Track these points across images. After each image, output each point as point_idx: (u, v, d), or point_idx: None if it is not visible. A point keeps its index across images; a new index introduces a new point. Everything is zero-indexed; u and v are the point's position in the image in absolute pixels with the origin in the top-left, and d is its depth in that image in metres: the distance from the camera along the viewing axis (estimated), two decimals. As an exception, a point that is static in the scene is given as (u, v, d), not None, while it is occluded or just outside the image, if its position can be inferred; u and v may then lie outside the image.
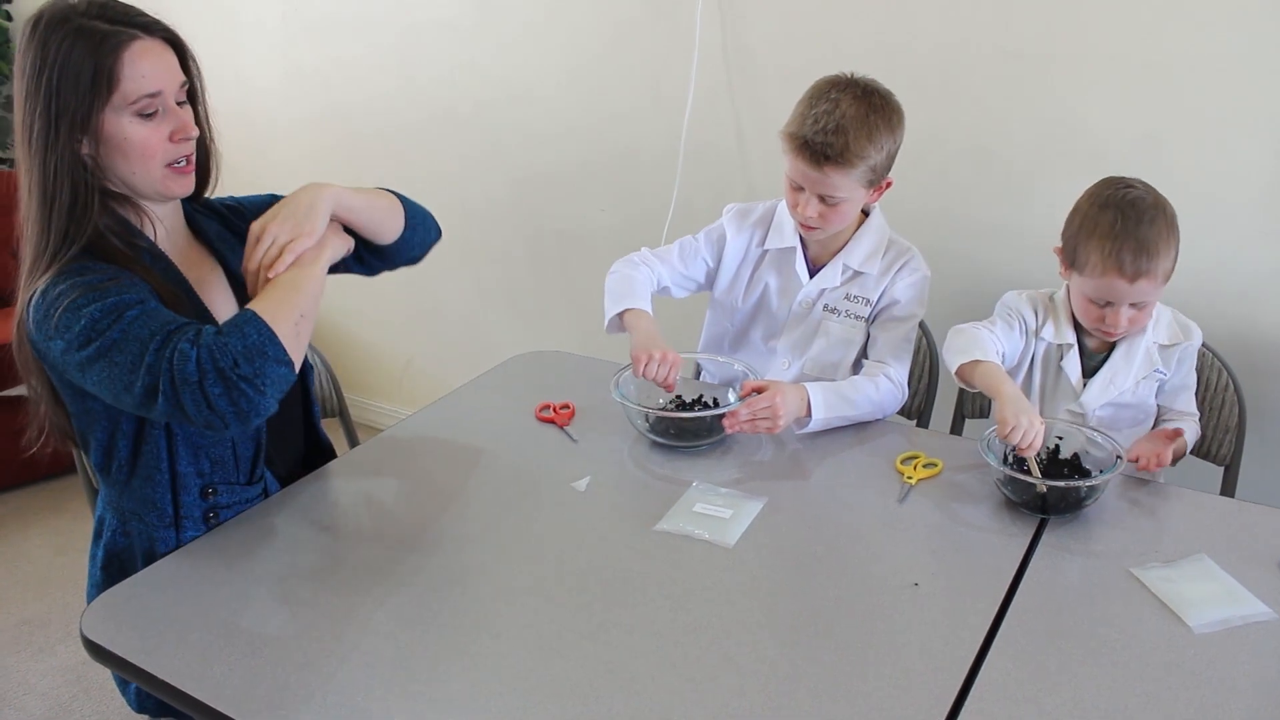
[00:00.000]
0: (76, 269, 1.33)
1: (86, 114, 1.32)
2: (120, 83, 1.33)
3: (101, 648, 1.24)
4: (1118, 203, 1.65)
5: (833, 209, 1.77)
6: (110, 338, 1.26)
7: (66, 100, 1.31)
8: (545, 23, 2.75)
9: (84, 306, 1.28)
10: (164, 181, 1.42)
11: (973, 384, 1.71)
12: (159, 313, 1.30)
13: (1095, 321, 1.72)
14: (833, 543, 1.45)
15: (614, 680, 1.17)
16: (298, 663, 1.20)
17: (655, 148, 2.69)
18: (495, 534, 1.47)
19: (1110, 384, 1.77)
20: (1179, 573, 1.36)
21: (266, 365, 1.26)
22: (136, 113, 1.36)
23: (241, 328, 1.27)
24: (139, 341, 1.26)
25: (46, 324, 1.30)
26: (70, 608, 2.65)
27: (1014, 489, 1.52)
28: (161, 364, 1.24)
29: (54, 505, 3.15)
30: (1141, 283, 1.63)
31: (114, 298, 1.29)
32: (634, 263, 1.96)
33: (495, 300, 3.24)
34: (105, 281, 1.31)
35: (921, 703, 1.13)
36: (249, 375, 1.24)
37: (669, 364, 1.72)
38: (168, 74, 1.38)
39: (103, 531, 1.54)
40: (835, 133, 1.69)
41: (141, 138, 1.37)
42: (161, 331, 1.26)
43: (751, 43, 2.45)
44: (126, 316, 1.28)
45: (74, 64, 1.31)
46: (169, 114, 1.40)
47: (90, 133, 1.34)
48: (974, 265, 2.32)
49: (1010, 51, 2.15)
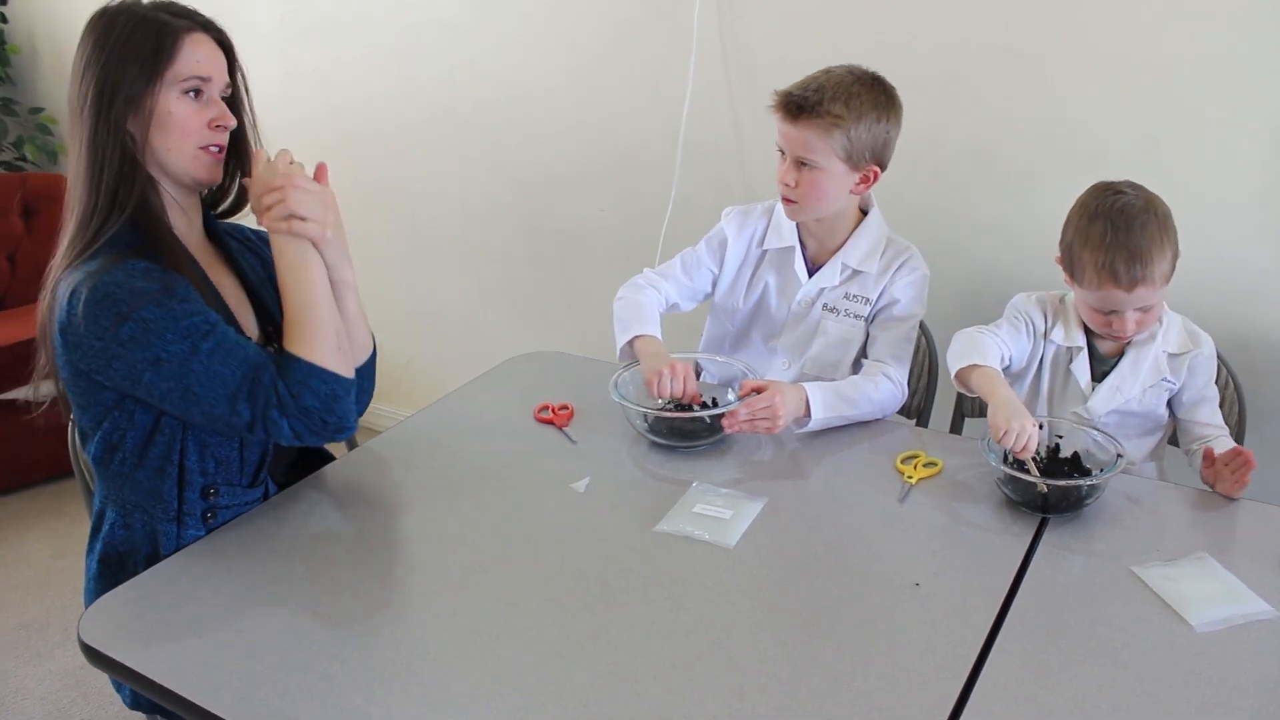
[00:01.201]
0: (127, 267, 1.36)
1: (141, 88, 1.40)
2: (176, 61, 1.41)
3: (99, 653, 1.24)
4: (1106, 212, 1.63)
5: (810, 179, 1.77)
6: (194, 371, 1.34)
7: (124, 72, 1.39)
8: (544, 23, 2.75)
9: (150, 325, 1.33)
10: (194, 161, 1.47)
11: (970, 388, 1.70)
12: (230, 341, 1.38)
13: (1104, 327, 1.71)
14: (833, 543, 1.45)
15: (615, 681, 1.16)
16: (297, 666, 1.19)
17: (654, 147, 2.68)
18: (494, 535, 1.47)
19: (1117, 391, 1.76)
20: (1180, 571, 1.36)
21: (343, 404, 1.41)
22: (184, 90, 1.43)
23: (308, 383, 1.37)
24: (223, 384, 1.35)
25: (95, 324, 1.33)
26: (69, 611, 2.64)
27: (1015, 488, 1.51)
28: (257, 422, 1.36)
29: (53, 508, 3.14)
30: (1140, 290, 1.61)
31: (186, 320, 1.35)
32: (639, 286, 1.96)
33: (495, 301, 3.24)
34: (160, 292, 1.35)
35: (923, 703, 1.12)
36: (335, 422, 1.40)
37: (681, 376, 1.71)
38: (218, 67, 1.47)
39: (101, 526, 1.53)
40: (815, 90, 1.73)
41: (183, 114, 1.43)
42: (248, 379, 1.36)
43: (750, 42, 2.45)
44: (203, 349, 1.34)
45: (136, 45, 1.40)
46: (212, 102, 1.47)
47: (140, 108, 1.40)
48: (973, 264, 2.32)
49: (1010, 51, 2.15)
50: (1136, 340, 1.75)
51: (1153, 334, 1.74)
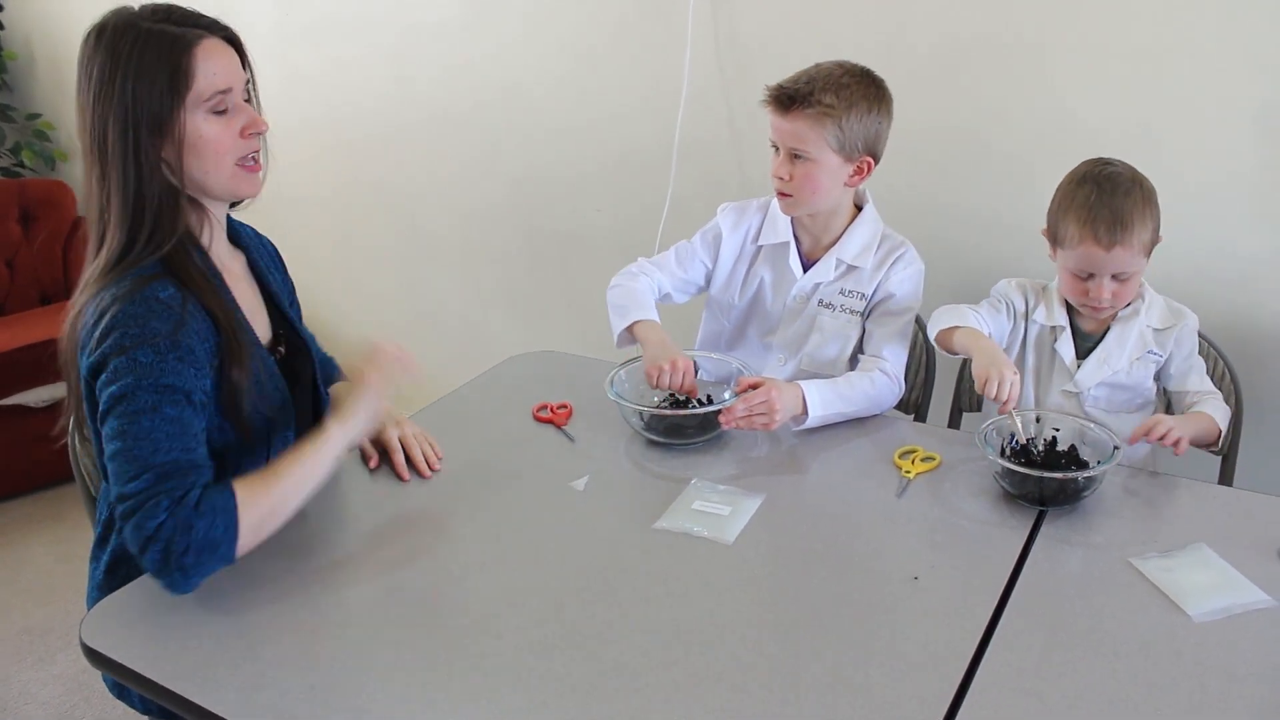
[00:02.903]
0: (152, 294, 1.33)
1: (166, 115, 1.35)
2: (195, 80, 1.35)
3: (101, 654, 1.24)
4: (1094, 177, 1.71)
5: (804, 171, 1.77)
6: (140, 425, 1.29)
7: (144, 103, 1.33)
8: (540, 23, 2.75)
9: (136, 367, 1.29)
10: (233, 180, 1.44)
11: (952, 348, 1.76)
12: (186, 427, 1.32)
13: (1080, 295, 1.75)
14: (832, 538, 1.45)
15: (616, 678, 1.17)
16: (298, 666, 1.20)
17: (650, 146, 2.69)
18: (494, 534, 1.47)
19: (1104, 363, 1.80)
20: (1178, 562, 1.36)
21: (210, 562, 1.28)
22: (210, 110, 1.38)
23: (215, 515, 1.27)
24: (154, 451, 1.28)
25: (102, 342, 1.31)
26: (71, 616, 2.64)
27: (1012, 481, 1.52)
28: (138, 499, 1.26)
29: (55, 514, 3.14)
30: (1118, 250, 1.67)
31: (169, 378, 1.31)
32: (633, 274, 1.96)
33: (493, 300, 3.24)
34: (165, 339, 1.32)
35: (923, 695, 1.13)
36: (189, 565, 1.26)
37: (681, 371, 1.72)
38: (234, 71, 1.42)
39: (109, 535, 1.53)
40: (805, 82, 1.75)
41: (215, 135, 1.39)
42: (167, 466, 1.28)
43: (744, 39, 2.45)
44: (164, 412, 1.30)
45: (148, 66, 1.33)
46: (238, 110, 1.42)
47: (169, 134, 1.36)
48: (969, 257, 2.32)
49: (1004, 43, 2.15)
50: (1121, 315, 1.80)
51: (1136, 309, 1.79)
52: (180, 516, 1.25)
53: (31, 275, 3.70)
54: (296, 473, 1.38)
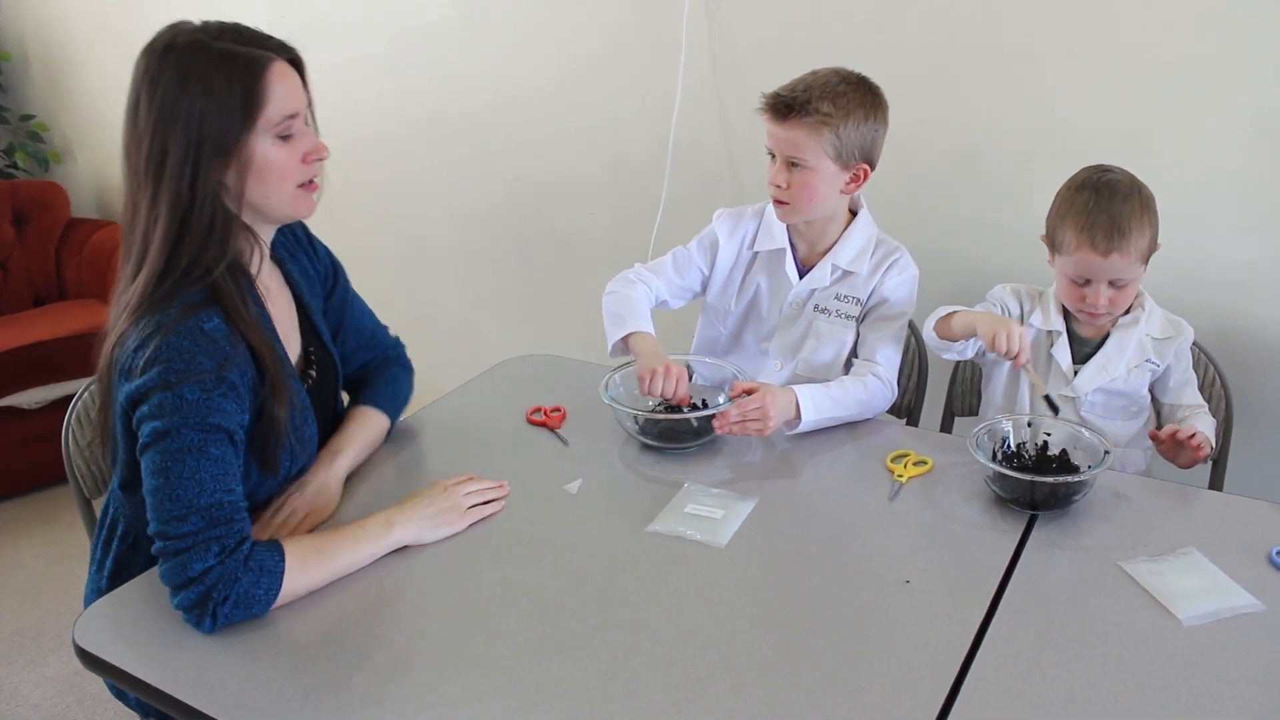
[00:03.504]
0: (198, 325, 1.31)
1: (234, 138, 1.32)
2: (266, 105, 1.33)
3: (94, 656, 1.24)
4: (1094, 184, 1.72)
5: (801, 180, 1.78)
6: (186, 464, 1.27)
7: (212, 126, 1.31)
8: (534, 27, 2.76)
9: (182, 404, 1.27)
10: (293, 203, 1.43)
11: (952, 334, 1.79)
12: (228, 466, 1.31)
13: (1077, 302, 1.76)
14: (824, 541, 1.45)
15: (610, 681, 1.17)
16: (292, 667, 1.20)
17: (644, 150, 2.69)
18: (488, 537, 1.48)
19: (1103, 370, 1.81)
20: (1168, 566, 1.37)
21: (243, 616, 1.27)
22: (278, 135, 1.36)
23: (260, 575, 1.27)
24: (198, 493, 1.26)
25: (145, 374, 1.28)
26: (63, 618, 2.64)
27: (1004, 485, 1.52)
28: (185, 540, 1.25)
29: (47, 516, 3.14)
30: (1114, 257, 1.68)
31: (215, 417, 1.29)
32: (629, 280, 1.96)
33: (487, 304, 3.24)
34: (211, 374, 1.29)
35: (915, 699, 1.13)
36: (222, 615, 1.24)
37: (674, 377, 1.72)
38: (300, 95, 1.40)
39: (114, 541, 1.52)
40: (802, 90, 1.75)
41: (281, 159, 1.37)
42: (213, 510, 1.27)
43: (739, 44, 2.46)
44: (209, 453, 1.28)
45: (219, 88, 1.31)
46: (302, 135, 1.41)
47: (233, 158, 1.33)
48: (961, 263, 2.33)
49: (995, 51, 2.16)
50: (1122, 323, 1.81)
51: (1136, 318, 1.80)
52: (228, 567, 1.25)
53: (24, 277, 3.70)
54: (348, 558, 1.37)
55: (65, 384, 3.14)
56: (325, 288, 1.70)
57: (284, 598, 1.29)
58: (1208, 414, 1.83)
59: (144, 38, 1.36)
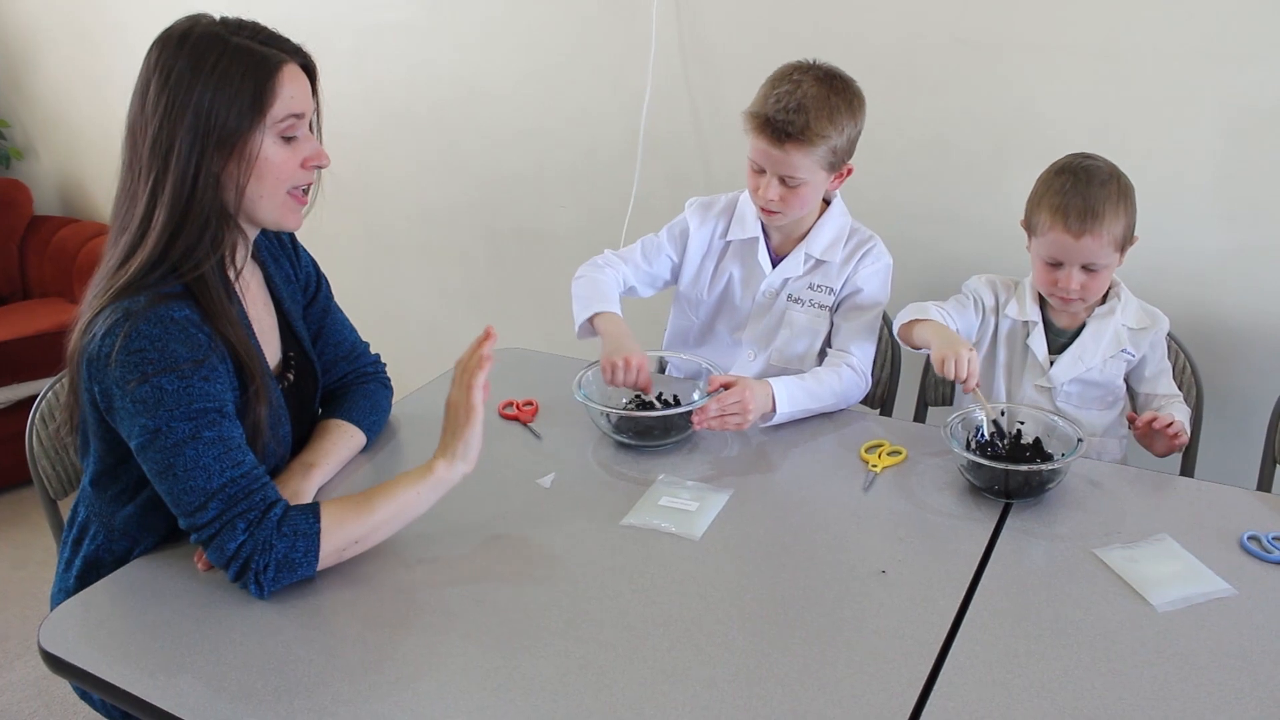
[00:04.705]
0: (169, 313, 1.29)
1: (240, 132, 1.32)
2: (275, 102, 1.33)
3: (60, 659, 1.22)
4: (1073, 168, 1.74)
5: (793, 192, 1.78)
6: (186, 457, 1.27)
7: (221, 117, 1.30)
8: (501, 22, 2.74)
9: (164, 396, 1.26)
10: (282, 209, 1.41)
11: (913, 342, 1.80)
12: (229, 442, 1.30)
13: (1049, 285, 1.77)
14: (799, 532, 1.45)
15: (584, 675, 1.16)
16: (263, 668, 1.18)
17: (614, 144, 2.68)
18: (460, 532, 1.46)
19: (1079, 360, 1.82)
20: (1141, 553, 1.37)
21: (290, 579, 1.30)
22: (280, 134, 1.36)
23: (296, 538, 1.28)
24: (207, 478, 1.27)
25: (119, 370, 1.27)
26: (29, 621, 2.60)
27: (978, 474, 1.53)
28: (212, 526, 1.27)
29: (12, 518, 3.09)
30: (1086, 239, 1.69)
31: (201, 402, 1.28)
32: (598, 265, 1.96)
33: (457, 300, 3.22)
34: (188, 363, 1.28)
35: (891, 688, 1.13)
36: (267, 581, 1.28)
37: (634, 369, 1.71)
38: (308, 99, 1.40)
39: (84, 540, 1.49)
40: (797, 111, 1.71)
41: (280, 159, 1.37)
42: (229, 489, 1.28)
43: (708, 36, 2.45)
44: (204, 437, 1.28)
45: (232, 81, 1.30)
46: (304, 139, 1.40)
47: (237, 152, 1.33)
48: (935, 254, 2.34)
49: (966, 42, 2.17)
50: (1098, 313, 1.82)
51: (1112, 308, 1.81)
52: (259, 537, 1.27)
53: (-13, 275, 3.64)
54: (391, 509, 1.36)
55: (29, 384, 3.09)
56: (306, 295, 1.68)
57: (329, 556, 1.31)
58: (1182, 403, 1.85)
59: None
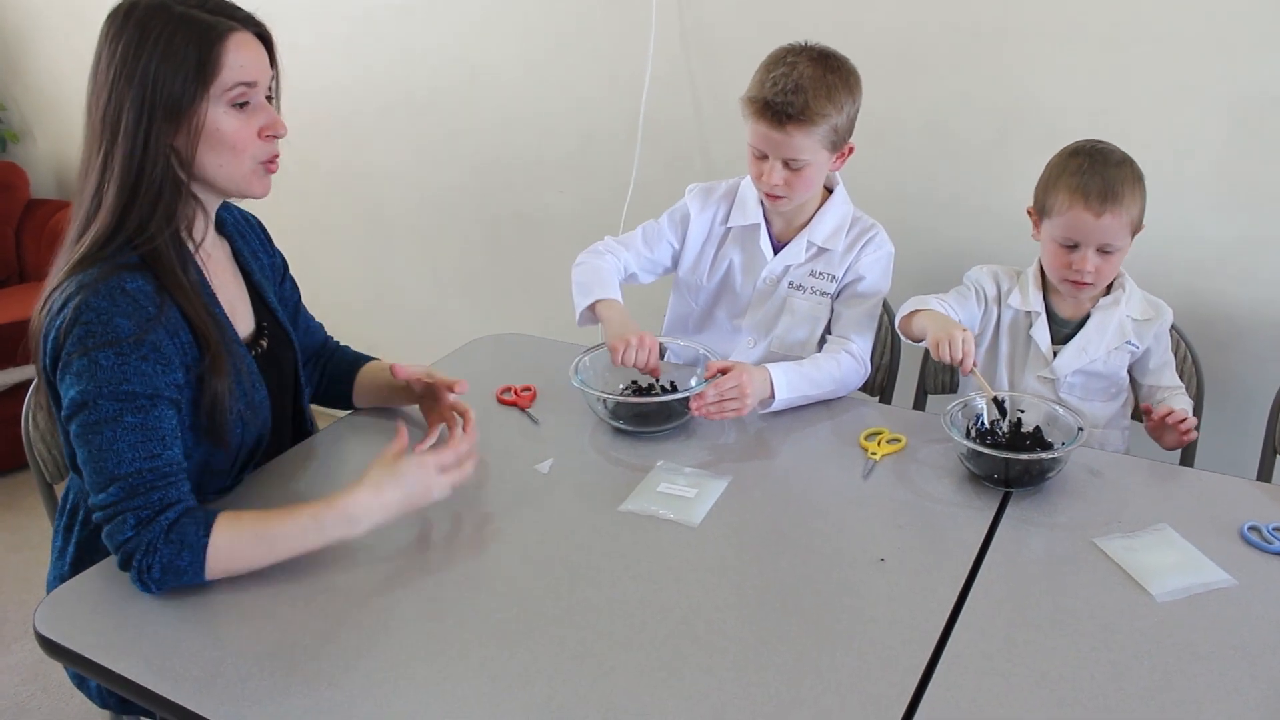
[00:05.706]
0: (119, 285, 1.29)
1: (186, 102, 1.31)
2: (221, 71, 1.32)
3: (56, 643, 1.22)
4: (1087, 150, 1.73)
5: (797, 175, 1.77)
6: (103, 436, 1.26)
7: (166, 87, 1.30)
8: (500, 6, 2.72)
9: (98, 371, 1.26)
10: (249, 178, 1.41)
11: (912, 334, 1.78)
12: (150, 432, 1.29)
13: (1063, 269, 1.75)
14: (798, 520, 1.45)
15: (582, 662, 1.16)
16: (259, 654, 1.18)
17: (614, 129, 2.67)
18: (457, 518, 1.46)
19: (1083, 351, 1.81)
20: (1141, 542, 1.37)
21: (175, 583, 1.26)
22: (230, 102, 1.35)
23: (181, 548, 1.25)
24: (117, 463, 1.26)
25: (65, 340, 1.27)
26: (25, 605, 2.60)
27: (977, 463, 1.52)
28: (107, 511, 1.26)
29: (7, 502, 3.09)
30: (1107, 218, 1.68)
31: (131, 384, 1.27)
32: (598, 252, 1.95)
33: (455, 286, 3.21)
34: (130, 340, 1.27)
35: (890, 676, 1.13)
36: (154, 581, 1.25)
37: (647, 348, 1.70)
38: (261, 67, 1.38)
39: (74, 526, 1.50)
40: (795, 92, 1.70)
41: (234, 129, 1.36)
42: (131, 479, 1.26)
43: (709, 20, 2.43)
44: (125, 421, 1.27)
45: (176, 50, 1.30)
46: (259, 108, 1.40)
47: (186, 122, 1.32)
48: (936, 242, 2.33)
49: (968, 30, 2.15)
50: (1102, 304, 1.81)
51: (1117, 299, 1.80)
52: (145, 538, 1.25)
53: (-19, 257, 3.63)
54: (290, 540, 1.30)
55: (25, 368, 3.09)
56: (275, 275, 1.69)
57: (214, 571, 1.27)
58: (1185, 395, 1.84)
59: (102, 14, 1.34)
